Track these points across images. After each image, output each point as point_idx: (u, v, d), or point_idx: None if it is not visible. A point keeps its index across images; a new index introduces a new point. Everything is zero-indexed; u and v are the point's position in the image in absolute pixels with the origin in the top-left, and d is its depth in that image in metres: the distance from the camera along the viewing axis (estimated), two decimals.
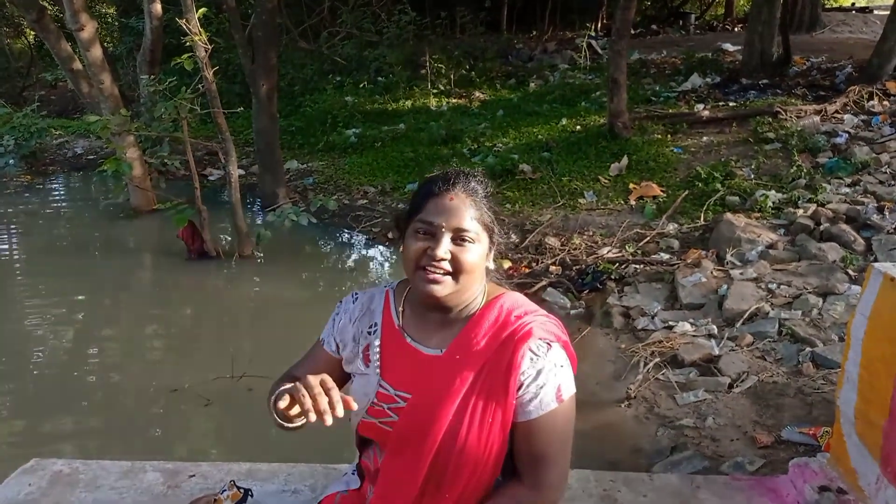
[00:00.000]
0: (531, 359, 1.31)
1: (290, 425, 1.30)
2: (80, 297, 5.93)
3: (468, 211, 1.31)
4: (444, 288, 1.31)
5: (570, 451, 1.35)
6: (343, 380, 1.49)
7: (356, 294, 1.52)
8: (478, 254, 1.32)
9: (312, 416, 1.17)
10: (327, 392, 1.17)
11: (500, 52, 14.11)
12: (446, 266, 1.30)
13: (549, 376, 1.31)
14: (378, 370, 1.40)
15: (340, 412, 1.17)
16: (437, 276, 1.29)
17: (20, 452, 3.47)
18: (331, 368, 1.47)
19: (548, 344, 1.33)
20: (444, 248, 1.29)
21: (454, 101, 11.55)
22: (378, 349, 1.42)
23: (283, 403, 1.20)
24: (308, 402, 1.15)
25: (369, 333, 1.44)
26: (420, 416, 1.33)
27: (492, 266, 1.40)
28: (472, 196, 1.33)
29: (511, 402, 1.30)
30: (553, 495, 1.33)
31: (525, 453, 1.33)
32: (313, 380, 1.18)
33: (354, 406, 1.22)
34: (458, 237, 1.30)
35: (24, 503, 2.00)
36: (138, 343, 5.15)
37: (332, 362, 1.50)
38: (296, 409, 1.20)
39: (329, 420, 1.16)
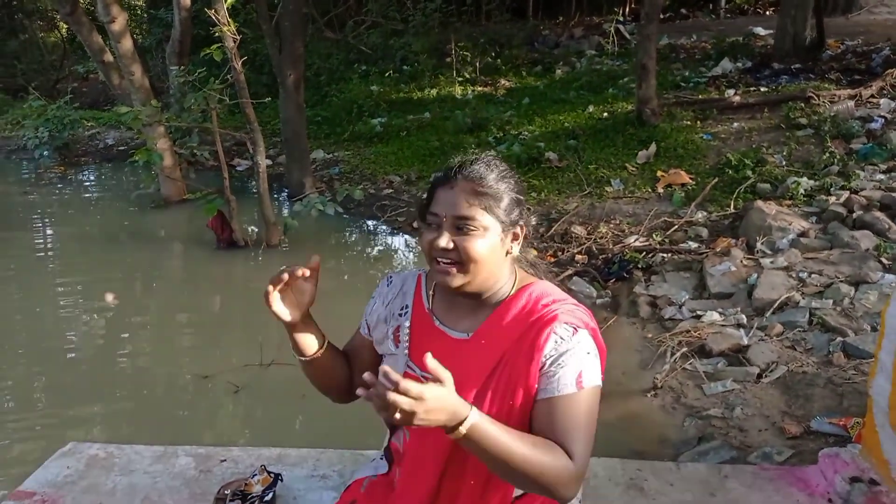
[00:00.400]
0: (556, 341, 1.30)
1: (305, 357, 1.44)
2: (111, 285, 6.05)
3: (468, 198, 1.29)
4: (454, 279, 1.31)
5: (591, 444, 1.29)
6: (379, 361, 1.53)
7: (391, 277, 1.55)
8: (485, 242, 1.30)
9: (274, 293, 1.34)
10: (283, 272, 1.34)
11: (526, 39, 13.98)
12: (452, 256, 1.30)
13: (571, 359, 1.29)
14: (407, 351, 1.44)
15: (300, 272, 1.34)
16: (445, 266, 1.31)
17: (55, 436, 3.57)
18: (367, 351, 1.54)
19: (574, 328, 1.32)
20: (445, 238, 1.29)
21: (480, 89, 11.50)
22: (408, 330, 1.45)
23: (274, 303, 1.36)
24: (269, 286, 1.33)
25: (400, 315, 1.48)
26: None
27: (515, 252, 1.38)
28: (475, 182, 1.30)
29: (532, 384, 1.30)
30: (576, 481, 1.25)
31: (544, 431, 1.29)
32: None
33: (317, 258, 1.38)
34: (460, 226, 1.29)
35: (62, 485, 2.06)
36: (169, 330, 5.25)
37: (366, 345, 1.55)
38: (277, 307, 1.36)
39: (286, 276, 1.33)
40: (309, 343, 1.43)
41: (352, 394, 1.54)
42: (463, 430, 1.12)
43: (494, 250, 1.32)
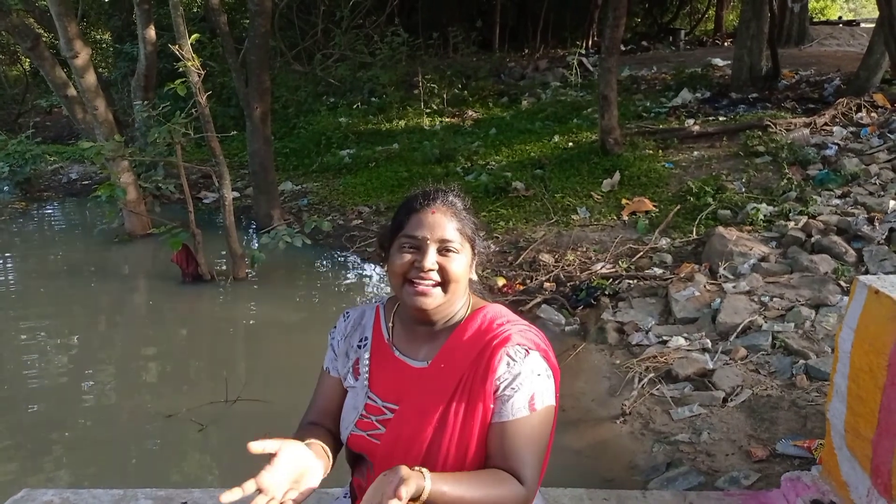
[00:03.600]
0: (507, 363, 1.33)
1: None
2: (73, 323, 5.92)
3: (450, 222, 1.37)
4: (433, 299, 1.35)
5: (542, 461, 1.34)
6: None
7: (347, 313, 1.55)
8: (463, 263, 1.37)
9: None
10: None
11: (492, 71, 14.23)
12: (435, 277, 1.34)
13: (523, 382, 1.32)
14: (367, 382, 1.43)
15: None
16: (426, 287, 1.33)
17: (12, 483, 3.45)
18: (340, 395, 1.50)
19: (526, 350, 1.35)
20: (432, 259, 1.33)
21: (447, 120, 11.63)
22: (367, 362, 1.45)
23: None
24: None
25: (359, 347, 1.48)
26: (407, 426, 1.35)
27: (475, 277, 1.44)
28: (452, 208, 1.39)
29: (488, 405, 1.33)
30: (527, 494, 1.30)
31: (497, 454, 1.32)
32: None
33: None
34: (444, 248, 1.35)
35: None
36: (133, 368, 5.13)
37: (339, 387, 1.51)
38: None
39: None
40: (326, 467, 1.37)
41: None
42: (424, 496, 1.16)
43: (466, 271, 1.39)
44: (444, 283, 1.35)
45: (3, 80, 17.05)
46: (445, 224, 1.36)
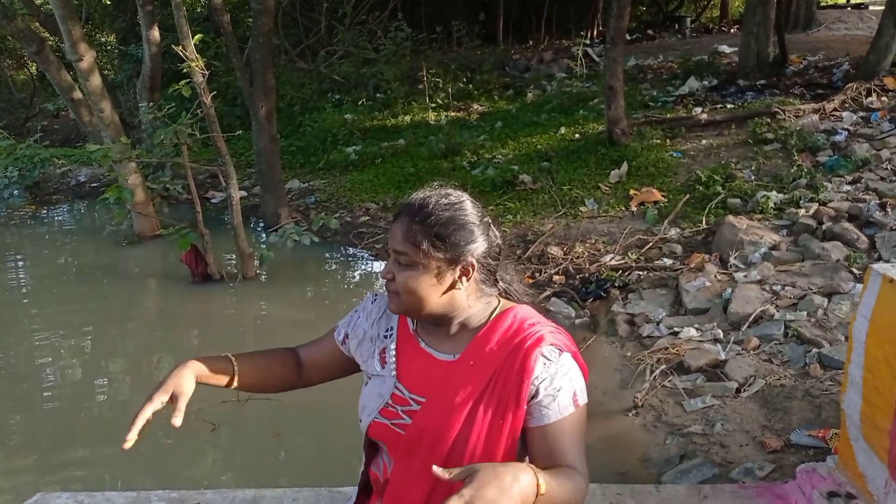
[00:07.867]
0: (544, 363, 1.33)
1: (230, 387, 1.53)
2: (85, 325, 5.95)
3: (405, 234, 1.34)
4: (395, 306, 1.39)
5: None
6: (340, 368, 1.58)
7: (376, 295, 1.57)
8: (416, 276, 1.32)
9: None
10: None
11: (496, 64, 14.15)
12: (391, 286, 1.37)
13: (564, 381, 1.33)
14: (394, 372, 1.44)
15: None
16: (389, 294, 1.39)
17: (28, 486, 3.47)
18: (332, 355, 1.58)
19: (559, 350, 1.35)
20: (385, 267, 1.38)
21: (452, 114, 11.58)
22: (394, 352, 1.46)
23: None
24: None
25: (386, 336, 1.49)
26: (433, 419, 1.35)
27: (464, 286, 1.37)
28: (413, 218, 1.34)
29: (522, 408, 1.32)
30: (586, 485, 1.32)
31: (546, 455, 1.31)
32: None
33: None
34: (397, 259, 1.36)
35: None
36: (145, 369, 5.16)
37: (334, 350, 1.57)
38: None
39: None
40: (221, 379, 1.50)
41: (307, 380, 1.60)
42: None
43: (429, 285, 1.33)
44: (397, 293, 1.36)
45: (10, 85, 17.10)
46: (399, 235, 1.34)
